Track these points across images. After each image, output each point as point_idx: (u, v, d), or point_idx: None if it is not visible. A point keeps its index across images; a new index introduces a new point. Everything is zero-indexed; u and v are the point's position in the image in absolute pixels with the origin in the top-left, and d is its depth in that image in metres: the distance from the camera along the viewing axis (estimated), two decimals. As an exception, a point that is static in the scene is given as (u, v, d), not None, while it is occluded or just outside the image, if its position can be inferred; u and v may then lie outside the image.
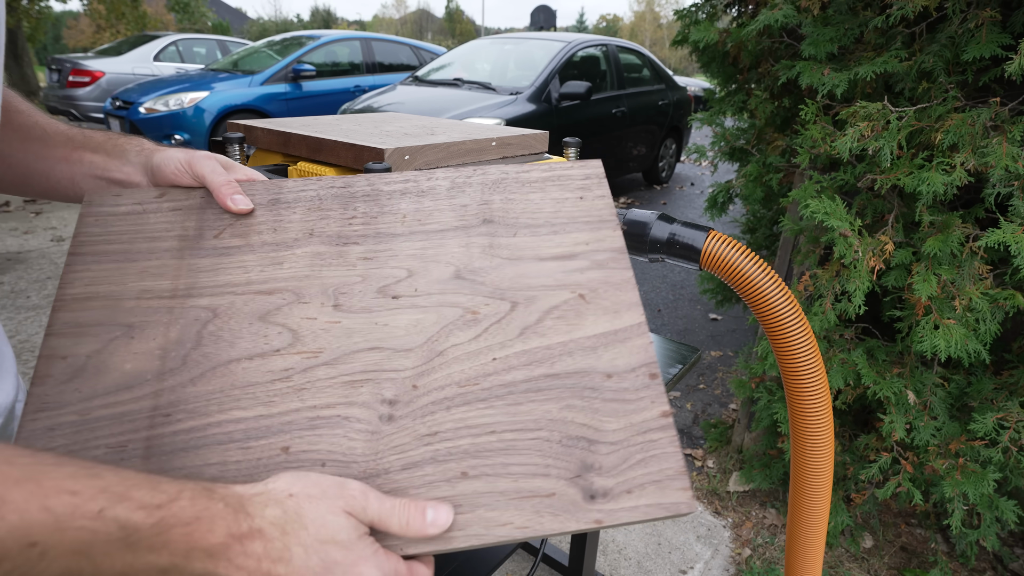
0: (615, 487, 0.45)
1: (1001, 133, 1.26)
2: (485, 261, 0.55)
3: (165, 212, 0.56)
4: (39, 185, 0.64)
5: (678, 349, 1.24)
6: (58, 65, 7.81)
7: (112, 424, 0.45)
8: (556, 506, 0.44)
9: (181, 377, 0.48)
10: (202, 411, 0.47)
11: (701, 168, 7.88)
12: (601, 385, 0.49)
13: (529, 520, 0.43)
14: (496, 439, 0.46)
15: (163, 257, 0.54)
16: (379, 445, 0.46)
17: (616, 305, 0.53)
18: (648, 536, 1.82)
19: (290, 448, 0.46)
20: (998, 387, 1.46)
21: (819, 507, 0.83)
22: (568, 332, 0.51)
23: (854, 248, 1.39)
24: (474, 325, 0.51)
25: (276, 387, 0.48)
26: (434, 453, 0.45)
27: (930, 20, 1.46)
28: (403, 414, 0.47)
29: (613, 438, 0.47)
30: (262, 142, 0.99)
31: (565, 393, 0.48)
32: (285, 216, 0.57)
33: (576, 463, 0.46)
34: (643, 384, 0.49)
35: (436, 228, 0.56)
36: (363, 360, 0.49)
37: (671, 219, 0.81)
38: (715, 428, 2.26)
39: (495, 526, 0.43)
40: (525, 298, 0.53)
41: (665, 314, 3.43)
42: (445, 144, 0.90)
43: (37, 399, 0.46)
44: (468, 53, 5.70)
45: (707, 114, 2.30)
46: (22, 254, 3.79)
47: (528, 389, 0.48)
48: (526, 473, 0.45)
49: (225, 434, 0.46)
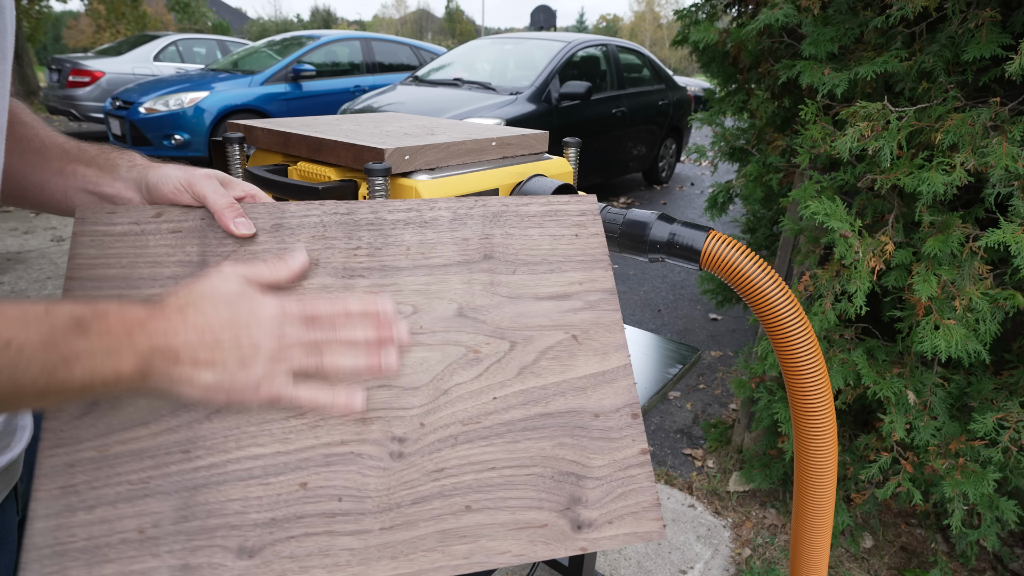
0: (598, 518, 0.51)
1: (1001, 133, 1.26)
2: (486, 299, 0.58)
3: (164, 235, 0.55)
4: (34, 197, 0.63)
5: (678, 349, 1.24)
6: (58, 65, 7.81)
7: (132, 461, 0.46)
8: (548, 536, 0.50)
9: (196, 413, 0.49)
10: (220, 447, 0.48)
11: (701, 168, 7.88)
12: (589, 424, 0.54)
13: (524, 548, 0.49)
14: (496, 475, 0.51)
15: (167, 284, 0.53)
16: (391, 481, 0.49)
17: (605, 347, 0.58)
18: (648, 536, 1.82)
19: (308, 484, 0.48)
20: (998, 387, 1.46)
21: (823, 506, 0.83)
22: (561, 372, 0.56)
23: (854, 249, 1.39)
24: (476, 364, 0.55)
25: (291, 424, 0.50)
26: (441, 488, 0.50)
27: (930, 20, 1.46)
28: (412, 451, 0.51)
29: (599, 473, 0.53)
30: (262, 142, 0.99)
31: (558, 432, 0.54)
32: (289, 243, 0.56)
33: (566, 497, 0.51)
34: (626, 423, 0.55)
35: (439, 263, 0.58)
36: (373, 398, 0.52)
37: (671, 219, 0.81)
38: (715, 428, 2.26)
39: (495, 554, 0.48)
40: (523, 338, 0.57)
41: (665, 314, 3.43)
42: (445, 144, 0.90)
43: (53, 434, 0.46)
44: (468, 53, 5.70)
45: (707, 114, 2.30)
46: (22, 254, 3.79)
47: (525, 428, 0.53)
48: (522, 506, 0.50)
49: (245, 471, 0.48)
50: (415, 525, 0.48)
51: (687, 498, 1.99)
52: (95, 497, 0.45)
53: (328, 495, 0.48)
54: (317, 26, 66.99)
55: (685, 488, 2.04)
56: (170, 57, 8.42)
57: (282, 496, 0.47)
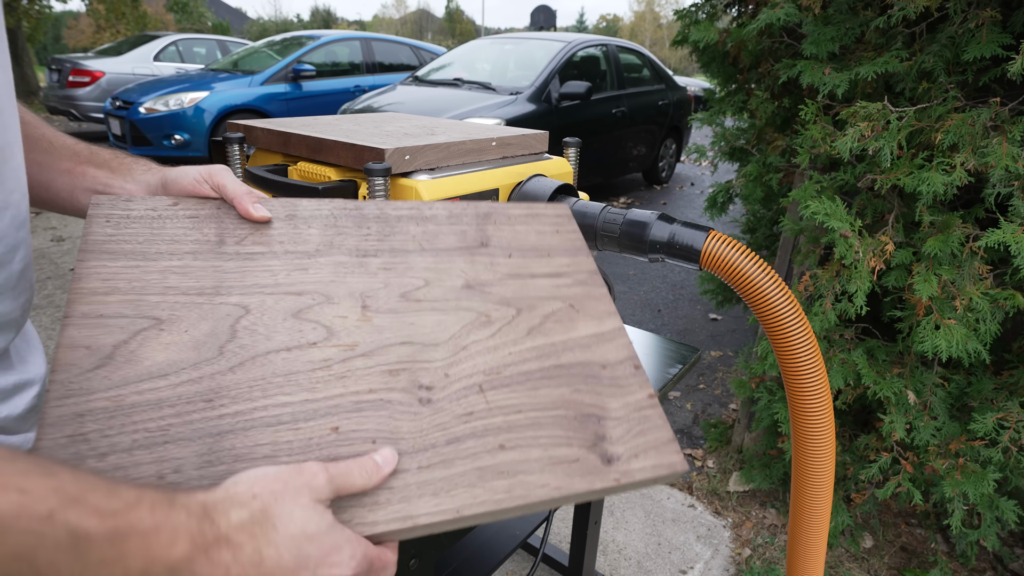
0: (624, 453, 0.53)
1: (1001, 133, 1.26)
2: (489, 275, 0.63)
3: (181, 219, 0.57)
4: (38, 196, 0.64)
5: (678, 349, 1.24)
6: (58, 65, 7.80)
7: (150, 409, 0.44)
8: (582, 469, 0.51)
9: (219, 366, 0.48)
10: (246, 396, 0.47)
11: (701, 168, 7.88)
12: (600, 373, 0.58)
13: (562, 481, 0.49)
14: (523, 417, 0.53)
15: (184, 259, 0.54)
16: (423, 424, 0.50)
17: (599, 313, 0.64)
18: (648, 536, 1.82)
19: (339, 428, 0.47)
20: (998, 387, 1.46)
21: (821, 507, 0.83)
22: (566, 333, 0.60)
23: (854, 249, 1.39)
24: (489, 326, 0.58)
25: (318, 375, 0.50)
26: (472, 429, 0.50)
27: (930, 20, 1.46)
28: (440, 398, 0.52)
29: (616, 414, 0.55)
30: (262, 142, 0.99)
31: (573, 379, 0.57)
32: (303, 229, 0.60)
33: (591, 434, 0.53)
34: (631, 373, 0.59)
35: (443, 247, 0.64)
36: (397, 352, 0.54)
37: (671, 219, 0.81)
38: (715, 428, 2.26)
39: (535, 487, 0.48)
40: (527, 305, 0.62)
41: (665, 314, 3.43)
42: (445, 144, 0.90)
43: (61, 386, 0.44)
44: (468, 53, 5.69)
45: (707, 114, 2.30)
46: (22, 254, 3.78)
47: (542, 377, 0.56)
48: (553, 443, 0.52)
49: (273, 417, 0.47)
50: (452, 463, 0.48)
51: (687, 498, 1.99)
52: (108, 445, 0.42)
53: (361, 438, 0.47)
54: (317, 26, 66.98)
55: (685, 488, 2.04)
56: (170, 57, 8.42)
57: (313, 440, 0.46)
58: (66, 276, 3.48)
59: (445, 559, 1.24)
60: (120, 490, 0.35)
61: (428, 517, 0.45)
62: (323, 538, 0.40)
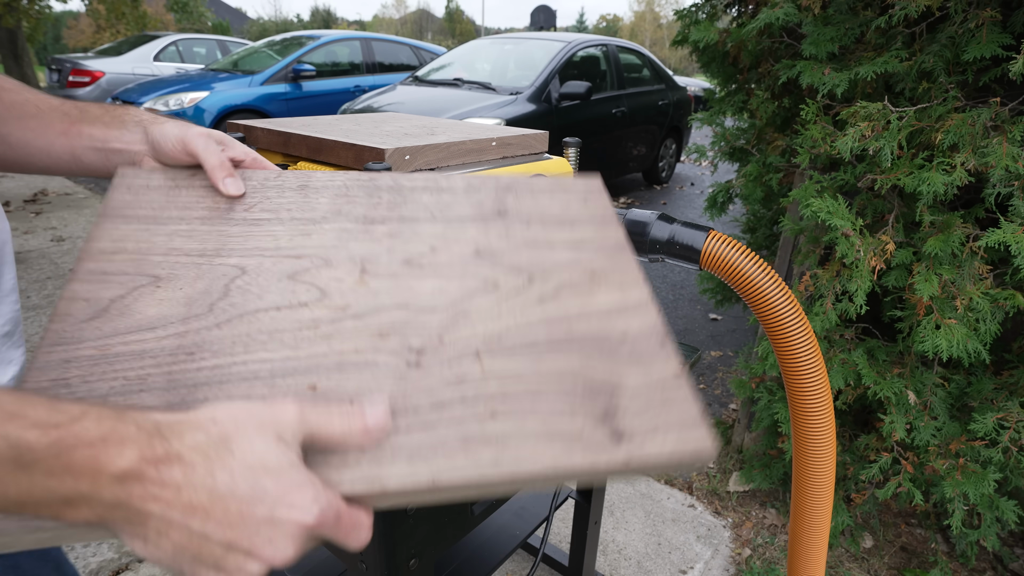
0: (638, 430, 0.46)
1: (1001, 133, 1.26)
2: (503, 243, 0.58)
3: (197, 188, 0.58)
4: (40, 162, 0.64)
5: (678, 349, 1.24)
6: (58, 65, 7.80)
7: (132, 359, 0.45)
8: (585, 444, 0.45)
9: (206, 321, 0.48)
10: (227, 351, 0.47)
11: (701, 168, 7.88)
12: (618, 347, 0.51)
13: (559, 456, 0.44)
14: (523, 385, 0.47)
15: (193, 223, 0.55)
16: (407, 387, 0.46)
17: (624, 283, 0.57)
18: (648, 536, 1.82)
19: (317, 386, 0.45)
20: (998, 387, 1.46)
21: (821, 507, 0.84)
22: (583, 302, 0.55)
23: (856, 247, 1.39)
24: (495, 292, 0.54)
25: (303, 334, 0.48)
26: (462, 395, 0.46)
27: (931, 20, 1.46)
28: (430, 361, 0.48)
29: (634, 389, 0.48)
30: (262, 142, 0.99)
31: (586, 351, 0.51)
32: (313, 198, 0.60)
33: (600, 408, 0.47)
34: (656, 347, 0.52)
35: (456, 216, 0.60)
36: (390, 315, 0.51)
37: (671, 219, 0.81)
38: (715, 428, 2.26)
39: (526, 460, 0.43)
40: (541, 272, 0.56)
41: (665, 314, 3.43)
42: (445, 144, 0.90)
43: (55, 335, 0.45)
44: (468, 53, 5.70)
45: (707, 114, 2.30)
46: (22, 254, 3.79)
47: (550, 347, 0.50)
48: (554, 413, 0.46)
49: (250, 371, 0.46)
50: (434, 428, 0.44)
51: (687, 498, 1.99)
52: (86, 390, 0.43)
53: (339, 397, 0.45)
54: (317, 26, 67.00)
55: (685, 488, 2.04)
56: (170, 57, 8.42)
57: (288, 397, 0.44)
58: (66, 276, 3.49)
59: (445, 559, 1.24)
60: (63, 405, 0.34)
61: (399, 480, 0.41)
62: (283, 475, 0.37)
